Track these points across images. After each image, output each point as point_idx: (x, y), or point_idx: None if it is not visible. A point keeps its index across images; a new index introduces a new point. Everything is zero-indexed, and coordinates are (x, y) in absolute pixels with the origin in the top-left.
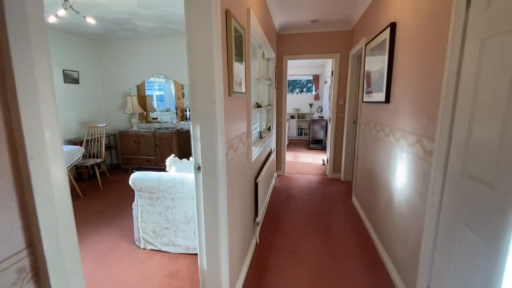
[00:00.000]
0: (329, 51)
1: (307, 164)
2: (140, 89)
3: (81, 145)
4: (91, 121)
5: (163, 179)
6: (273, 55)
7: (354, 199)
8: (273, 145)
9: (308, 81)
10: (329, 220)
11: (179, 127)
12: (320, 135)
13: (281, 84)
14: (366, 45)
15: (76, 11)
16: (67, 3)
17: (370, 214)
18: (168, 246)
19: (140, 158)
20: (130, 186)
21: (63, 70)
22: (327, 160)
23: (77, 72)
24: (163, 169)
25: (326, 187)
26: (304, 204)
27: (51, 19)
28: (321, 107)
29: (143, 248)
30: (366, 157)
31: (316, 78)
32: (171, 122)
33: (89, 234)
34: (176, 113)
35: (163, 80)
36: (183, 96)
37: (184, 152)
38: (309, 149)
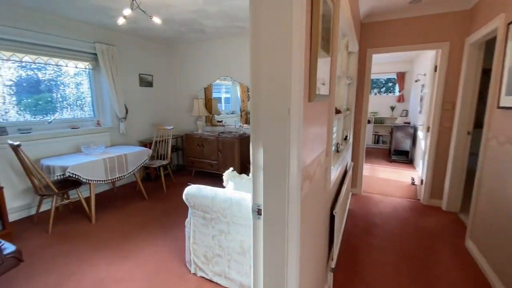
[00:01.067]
0: (433, 40)
1: (390, 181)
2: (207, 91)
3: (150, 146)
4: (161, 123)
5: (218, 198)
6: (356, 48)
7: (469, 244)
8: (348, 159)
9: (389, 80)
10: (431, 269)
11: (242, 132)
12: (406, 145)
13: (363, 83)
14: (510, 24)
15: (143, 11)
16: (135, 3)
17: (509, 276)
18: (220, 277)
19: (203, 161)
20: (188, 184)
21: (139, 74)
22: (421, 179)
23: (151, 76)
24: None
25: (420, 217)
26: (392, 239)
27: (120, 21)
28: (407, 110)
29: (193, 274)
30: (502, 190)
31: (401, 76)
32: (235, 126)
33: (146, 243)
34: (241, 115)
35: (230, 83)
36: (248, 99)
37: (246, 158)
38: (390, 162)
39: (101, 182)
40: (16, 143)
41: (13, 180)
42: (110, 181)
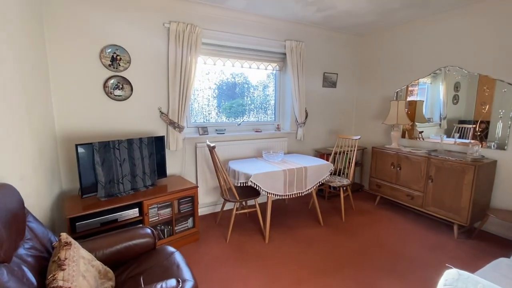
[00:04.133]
0: None
1: None
2: (407, 92)
3: (328, 158)
4: (340, 131)
5: None
6: None
7: None
8: None
9: None
10: None
11: (476, 154)
12: None
13: None
14: None
15: None
16: None
17: None
18: None
19: (398, 189)
20: (447, 266)
21: (324, 73)
22: None
23: (336, 75)
24: (433, 217)
25: None
26: None
27: None
28: None
29: None
30: None
31: None
32: (454, 142)
33: None
34: (440, 124)
35: (428, 80)
36: (485, 103)
37: (480, 201)
38: None
39: (279, 196)
40: (212, 145)
41: (207, 177)
42: (287, 196)
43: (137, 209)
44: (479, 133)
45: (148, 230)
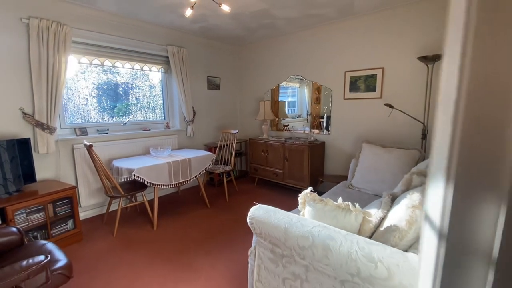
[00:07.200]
0: None
1: None
2: (274, 94)
3: (215, 150)
4: (226, 127)
5: (294, 231)
6: None
7: None
8: None
9: None
10: None
11: (313, 138)
12: None
13: None
14: None
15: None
16: None
17: None
18: None
19: (267, 170)
20: (254, 203)
21: (208, 77)
22: None
23: (218, 79)
24: (291, 187)
25: None
26: None
27: (188, 12)
28: None
29: None
30: None
31: None
32: (303, 131)
33: (204, 263)
34: (307, 119)
35: (297, 85)
36: (319, 101)
37: (317, 170)
38: None
39: (164, 186)
40: (88, 144)
41: (89, 178)
42: (173, 185)
43: None
44: (316, 124)
45: (14, 229)
